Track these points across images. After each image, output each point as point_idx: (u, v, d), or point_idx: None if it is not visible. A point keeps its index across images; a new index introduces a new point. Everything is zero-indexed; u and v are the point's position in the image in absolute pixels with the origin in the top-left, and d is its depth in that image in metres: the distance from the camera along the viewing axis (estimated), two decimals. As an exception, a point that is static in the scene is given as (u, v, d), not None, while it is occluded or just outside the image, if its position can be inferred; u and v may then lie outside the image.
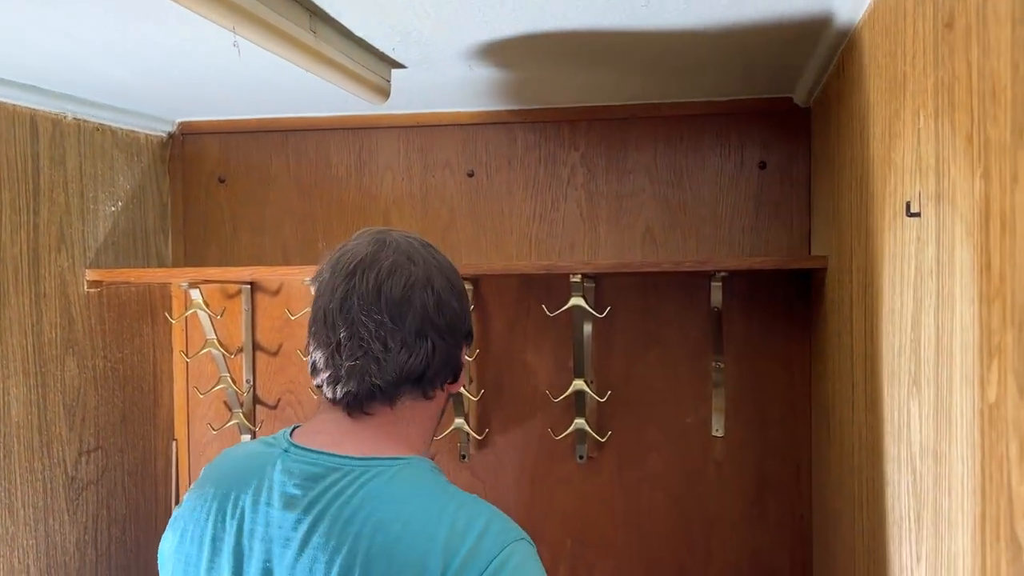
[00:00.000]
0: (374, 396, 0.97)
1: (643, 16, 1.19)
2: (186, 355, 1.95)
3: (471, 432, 1.82)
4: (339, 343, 0.97)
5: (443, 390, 1.05)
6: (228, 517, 0.97)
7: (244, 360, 1.95)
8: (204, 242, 1.99)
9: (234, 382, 1.90)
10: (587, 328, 1.72)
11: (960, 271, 0.66)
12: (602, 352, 1.80)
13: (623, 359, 1.81)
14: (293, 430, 1.04)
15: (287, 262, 1.94)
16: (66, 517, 1.65)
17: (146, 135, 1.90)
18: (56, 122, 1.63)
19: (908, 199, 0.80)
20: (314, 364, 1.00)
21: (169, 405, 1.98)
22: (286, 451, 0.98)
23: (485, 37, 1.31)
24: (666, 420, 1.80)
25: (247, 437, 1.95)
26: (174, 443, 1.99)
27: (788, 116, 1.74)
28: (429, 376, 1.00)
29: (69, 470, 1.66)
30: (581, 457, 1.81)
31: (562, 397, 1.71)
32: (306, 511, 0.92)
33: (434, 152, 1.90)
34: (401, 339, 0.97)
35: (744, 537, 1.78)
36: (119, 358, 1.80)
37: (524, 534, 0.91)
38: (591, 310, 1.62)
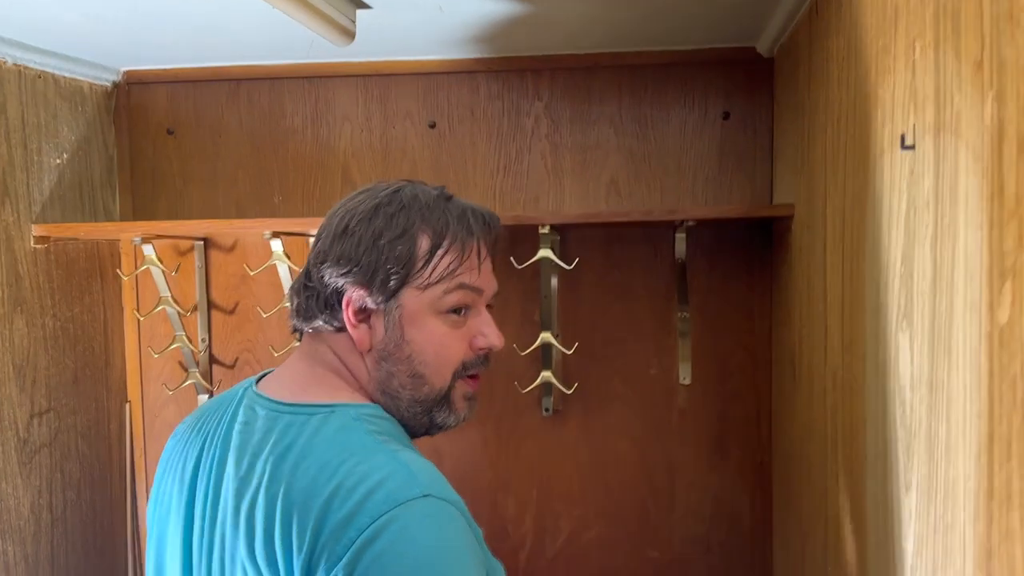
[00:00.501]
0: (302, 325, 0.96)
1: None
2: (139, 313, 1.88)
3: (436, 387, 1.80)
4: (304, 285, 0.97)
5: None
6: (202, 444, 0.96)
7: (199, 319, 1.89)
8: (153, 197, 1.91)
9: (189, 341, 1.85)
10: (554, 281, 1.72)
11: (965, 199, 0.67)
12: (568, 305, 1.80)
13: (589, 311, 1.81)
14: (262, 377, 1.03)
15: (242, 217, 1.87)
16: (19, 481, 1.59)
17: (90, 84, 1.81)
18: (-5, 67, 1.55)
19: (903, 132, 0.80)
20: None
21: (121, 366, 1.91)
22: (242, 391, 0.98)
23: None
24: (631, 371, 1.81)
25: (204, 397, 1.91)
26: (127, 405, 1.93)
27: (751, 66, 1.74)
28: (330, 300, 0.94)
29: (21, 432, 1.59)
30: (547, 410, 1.81)
31: (529, 350, 1.70)
32: (250, 462, 0.88)
33: (394, 102, 1.85)
34: (322, 261, 0.94)
35: (706, 483, 1.81)
36: (68, 317, 1.73)
37: (432, 490, 0.81)
38: (559, 262, 1.61)
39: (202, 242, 1.88)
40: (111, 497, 1.87)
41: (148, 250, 1.73)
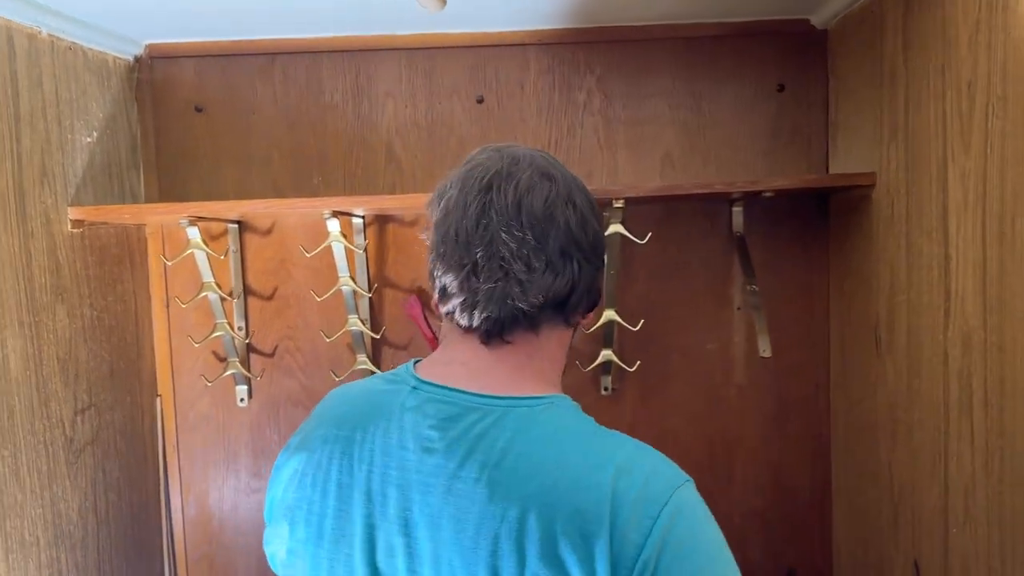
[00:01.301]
0: (517, 321, 0.88)
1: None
2: (180, 301, 1.77)
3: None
4: (475, 264, 0.86)
5: (583, 318, 0.96)
6: (355, 461, 0.87)
7: (235, 305, 1.80)
8: (182, 178, 1.80)
9: (231, 328, 1.75)
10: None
11: None
12: (624, 281, 1.77)
13: (645, 287, 1.78)
14: (415, 364, 0.96)
15: (280, 198, 1.78)
16: (67, 483, 1.48)
17: (114, 58, 1.69)
18: (32, 37, 1.42)
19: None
20: (444, 288, 0.89)
21: (151, 357, 1.81)
22: (415, 388, 0.90)
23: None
24: (688, 347, 1.80)
25: (243, 388, 1.82)
26: (158, 399, 1.82)
27: (805, 38, 1.74)
28: (573, 301, 0.91)
29: (67, 430, 1.49)
30: (606, 389, 1.78)
31: (594, 328, 1.67)
32: (447, 455, 0.83)
33: (440, 77, 1.78)
34: (545, 259, 0.87)
35: (765, 458, 1.81)
36: (103, 306, 1.62)
37: (688, 476, 0.82)
38: (632, 236, 1.58)
39: (236, 225, 1.78)
40: (146, 497, 1.76)
41: (193, 233, 1.63)
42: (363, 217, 1.73)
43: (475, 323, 0.88)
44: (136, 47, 1.75)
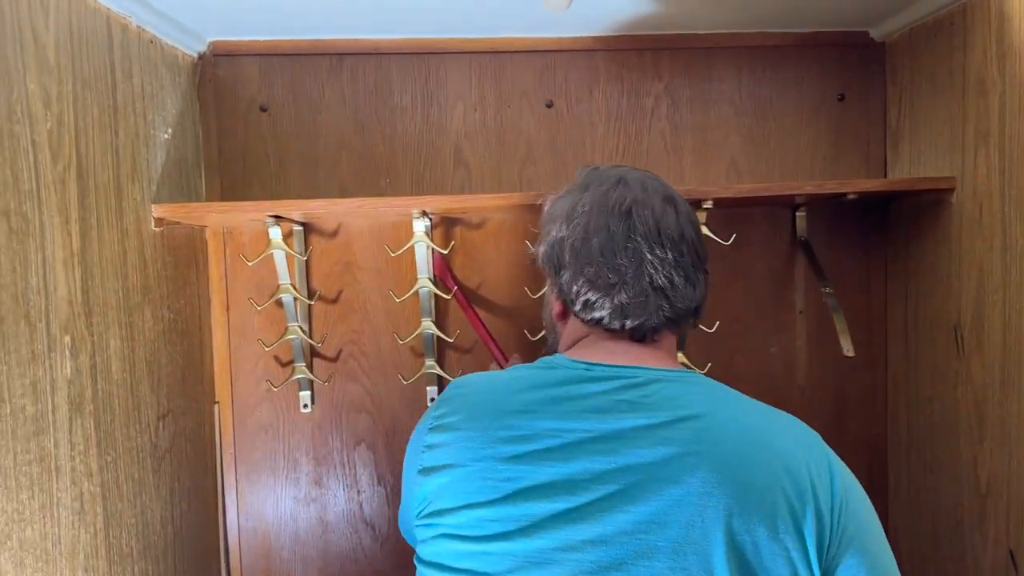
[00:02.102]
0: (664, 326, 1.02)
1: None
2: (255, 303, 1.73)
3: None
4: (624, 281, 0.99)
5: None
6: (525, 440, 0.89)
7: (298, 308, 1.76)
8: (244, 179, 1.77)
9: (303, 332, 1.72)
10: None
11: None
12: (691, 285, 1.79)
13: (710, 290, 1.80)
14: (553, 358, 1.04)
15: (346, 200, 1.76)
16: (153, 491, 1.43)
17: (183, 53, 1.65)
18: (124, 28, 1.38)
19: None
20: (587, 301, 1.01)
21: (211, 363, 1.75)
22: (588, 369, 0.97)
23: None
24: (752, 350, 1.83)
25: (307, 394, 1.78)
26: (216, 406, 1.77)
27: (864, 50, 1.80)
28: (702, 308, 1.07)
29: (152, 436, 1.43)
30: (675, 391, 1.79)
31: (671, 329, 1.68)
32: (647, 415, 0.89)
33: (509, 81, 1.79)
34: (684, 274, 1.01)
35: (825, 457, 1.84)
36: (177, 308, 1.57)
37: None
38: (717, 239, 1.61)
39: (302, 228, 1.75)
40: (206, 507, 1.71)
41: (275, 233, 1.59)
42: (431, 219, 1.71)
43: (626, 328, 1.01)
44: (201, 44, 1.71)
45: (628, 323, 1.00)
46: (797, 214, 1.78)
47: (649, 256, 0.99)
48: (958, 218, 1.52)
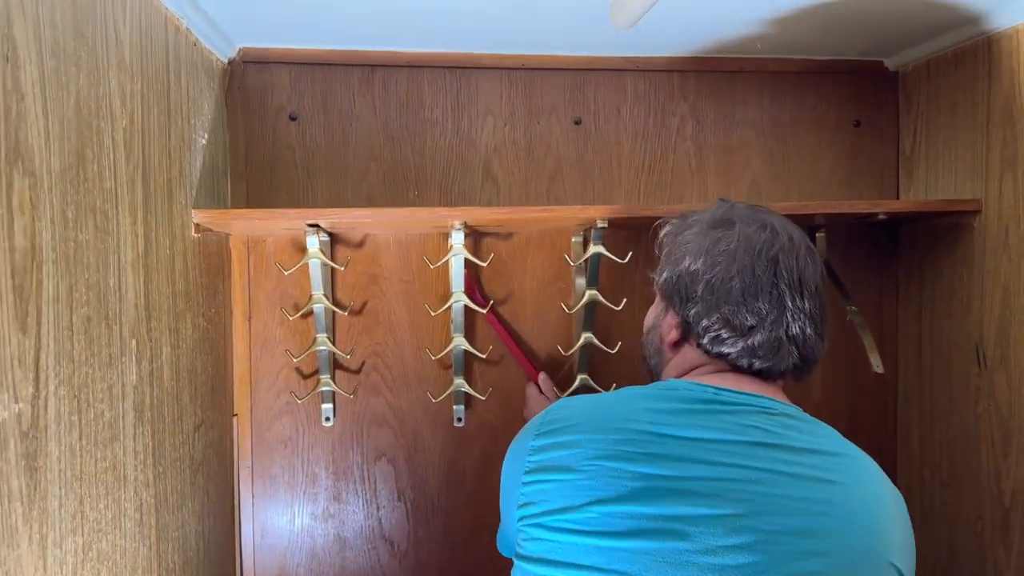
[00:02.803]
0: (791, 373, 1.07)
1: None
2: (287, 313, 1.69)
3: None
4: (762, 326, 1.01)
5: None
6: (655, 444, 0.91)
7: (321, 319, 1.73)
8: (270, 188, 1.74)
9: (332, 344, 1.69)
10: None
11: None
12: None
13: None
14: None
15: (374, 211, 1.75)
16: (189, 504, 1.38)
17: (216, 58, 1.63)
18: (177, 29, 1.36)
19: None
20: (718, 337, 1.03)
21: (231, 373, 1.71)
22: (716, 393, 0.99)
23: None
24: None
25: (328, 407, 1.74)
26: (234, 419, 1.73)
27: (879, 78, 1.87)
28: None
29: (191, 448, 1.39)
30: (697, 406, 1.82)
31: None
32: (770, 446, 0.93)
33: (539, 97, 1.80)
34: (816, 326, 1.05)
35: (838, 473, 1.89)
36: (209, 317, 1.53)
37: None
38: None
39: (328, 238, 1.73)
40: (225, 522, 1.66)
41: (312, 243, 1.57)
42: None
43: (754, 368, 1.04)
44: (231, 50, 1.68)
45: (757, 364, 1.03)
46: (817, 235, 1.83)
47: (791, 305, 1.01)
48: (981, 240, 1.59)
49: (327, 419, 1.75)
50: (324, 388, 1.70)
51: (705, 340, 1.04)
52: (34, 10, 0.81)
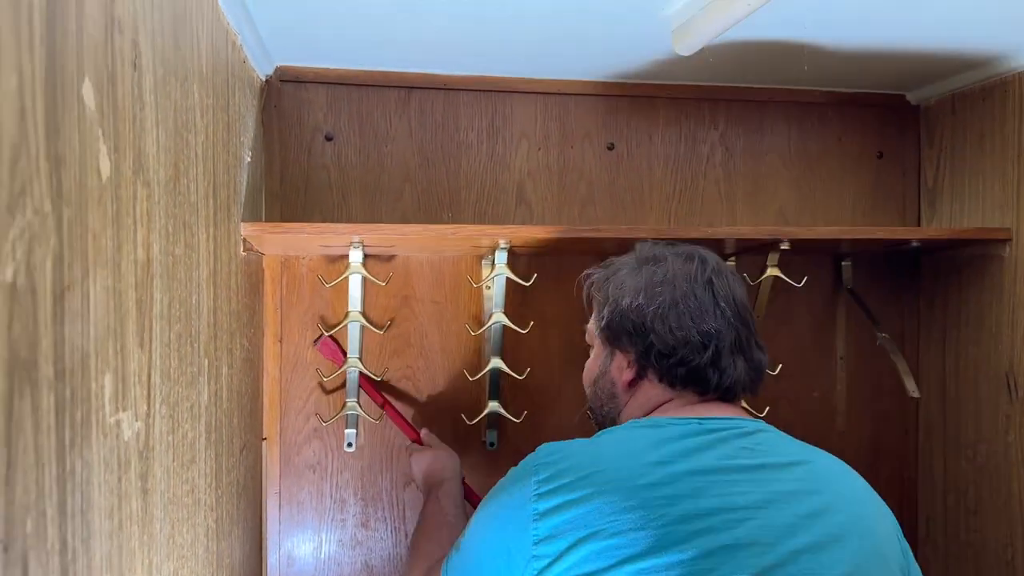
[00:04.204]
0: (745, 390, 1.13)
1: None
2: (323, 328, 1.66)
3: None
4: (716, 345, 1.07)
5: None
6: (669, 486, 0.92)
7: (349, 340, 1.69)
8: (305, 207, 1.72)
9: (364, 364, 1.66)
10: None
11: None
12: (743, 328, 1.84)
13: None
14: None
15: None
16: (237, 528, 1.34)
17: (256, 75, 1.61)
18: (233, 45, 1.34)
19: None
20: (679, 363, 1.08)
21: (262, 396, 1.68)
22: (700, 423, 1.03)
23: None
24: (795, 394, 1.88)
25: (352, 432, 1.71)
26: (263, 442, 1.68)
27: (900, 111, 1.92)
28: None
29: (239, 471, 1.36)
30: (727, 432, 1.82)
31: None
32: (762, 467, 0.98)
33: (573, 122, 1.81)
34: (754, 339, 1.13)
35: (861, 500, 1.90)
36: (249, 337, 1.50)
37: None
38: (788, 280, 1.66)
39: (360, 255, 1.70)
40: (254, 548, 1.61)
41: (355, 257, 1.55)
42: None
43: (712, 388, 1.09)
44: (269, 67, 1.67)
45: (719, 383, 1.08)
46: (843, 263, 1.86)
47: (733, 321, 1.09)
48: (1012, 270, 1.62)
49: (349, 444, 1.72)
50: (349, 412, 1.67)
51: (666, 367, 1.08)
52: (151, 18, 0.79)
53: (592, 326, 1.21)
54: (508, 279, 1.61)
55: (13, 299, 0.48)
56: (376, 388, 1.67)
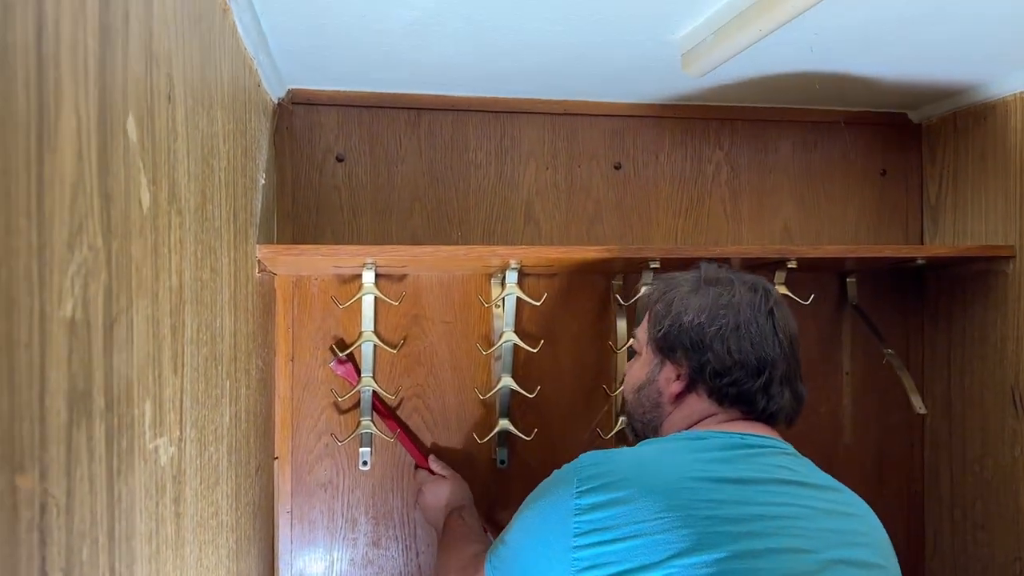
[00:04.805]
0: (786, 420, 1.19)
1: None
2: (335, 351, 1.68)
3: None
4: (770, 372, 1.13)
5: None
6: (714, 490, 0.96)
7: (362, 359, 1.71)
8: (316, 227, 1.73)
9: (377, 383, 1.67)
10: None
11: None
12: (749, 345, 1.85)
13: (767, 351, 1.87)
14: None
15: (418, 252, 1.75)
16: (253, 549, 1.35)
17: (269, 98, 1.63)
18: (250, 69, 1.36)
19: None
20: (735, 380, 1.12)
21: (274, 416, 1.69)
22: (743, 438, 1.07)
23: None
24: (803, 410, 1.89)
25: (367, 451, 1.72)
26: (275, 462, 1.69)
27: (902, 129, 1.94)
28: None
29: (254, 491, 1.37)
30: (735, 448, 1.84)
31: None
32: (800, 484, 1.03)
33: (581, 142, 1.84)
34: (799, 373, 1.20)
35: (868, 514, 1.92)
36: (264, 356, 1.51)
37: None
38: (796, 298, 1.68)
39: (372, 276, 1.72)
40: (266, 568, 1.62)
41: (368, 278, 1.56)
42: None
43: (764, 412, 1.14)
44: (281, 90, 1.69)
45: (766, 408, 1.14)
46: (848, 280, 1.88)
47: (788, 353, 1.15)
48: (1015, 286, 1.65)
49: (364, 463, 1.72)
50: (364, 431, 1.68)
51: (717, 385, 1.12)
52: (183, 51, 0.81)
53: (643, 335, 1.24)
54: (518, 298, 1.62)
55: (72, 333, 0.50)
56: (390, 413, 1.69)
